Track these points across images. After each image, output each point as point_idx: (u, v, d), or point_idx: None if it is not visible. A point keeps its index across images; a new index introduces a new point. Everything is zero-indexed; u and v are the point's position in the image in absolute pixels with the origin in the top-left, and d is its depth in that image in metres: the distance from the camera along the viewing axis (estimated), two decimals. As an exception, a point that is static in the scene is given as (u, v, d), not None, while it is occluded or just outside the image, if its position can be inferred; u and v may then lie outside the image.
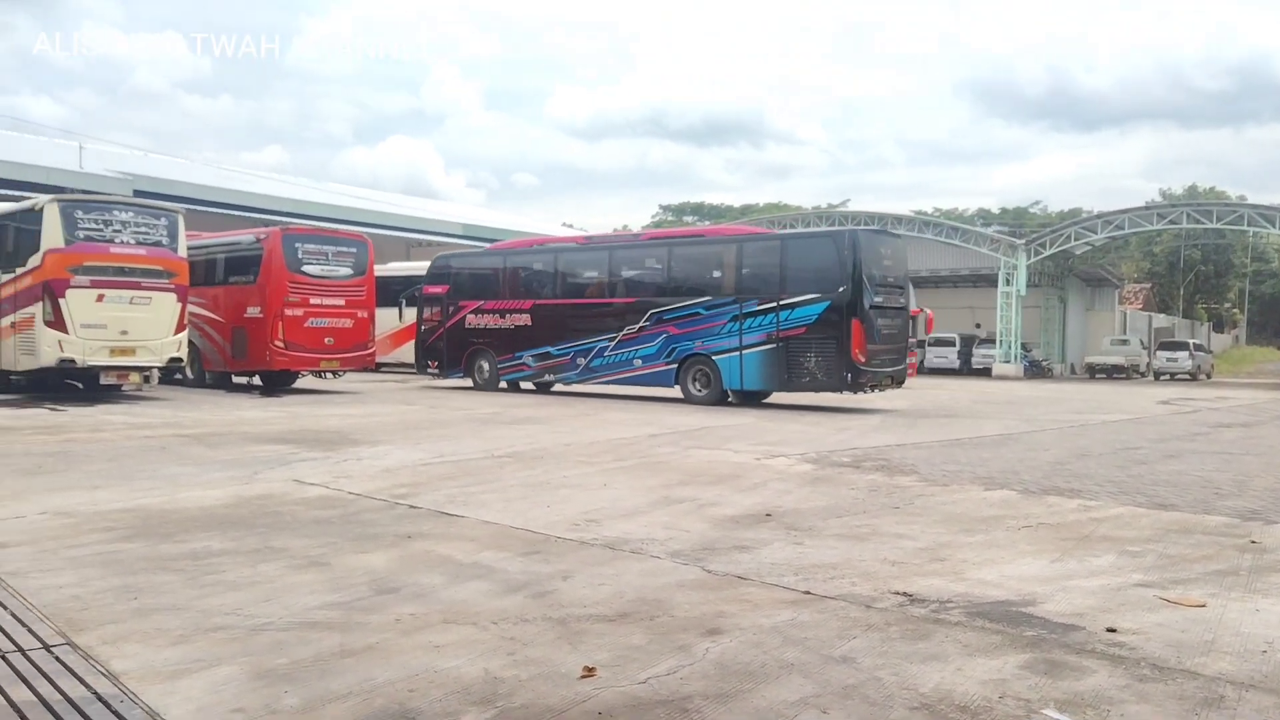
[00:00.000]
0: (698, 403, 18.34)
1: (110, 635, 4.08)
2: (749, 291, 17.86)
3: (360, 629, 4.23)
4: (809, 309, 17.05)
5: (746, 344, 17.68)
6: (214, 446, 10.56)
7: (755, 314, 17.58)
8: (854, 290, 16.61)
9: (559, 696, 3.50)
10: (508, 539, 6.18)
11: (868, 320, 16.74)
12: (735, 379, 18.00)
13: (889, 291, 17.65)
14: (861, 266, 16.67)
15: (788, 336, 17.25)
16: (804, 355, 17.18)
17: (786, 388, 18.14)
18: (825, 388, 17.52)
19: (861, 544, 6.22)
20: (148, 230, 16.73)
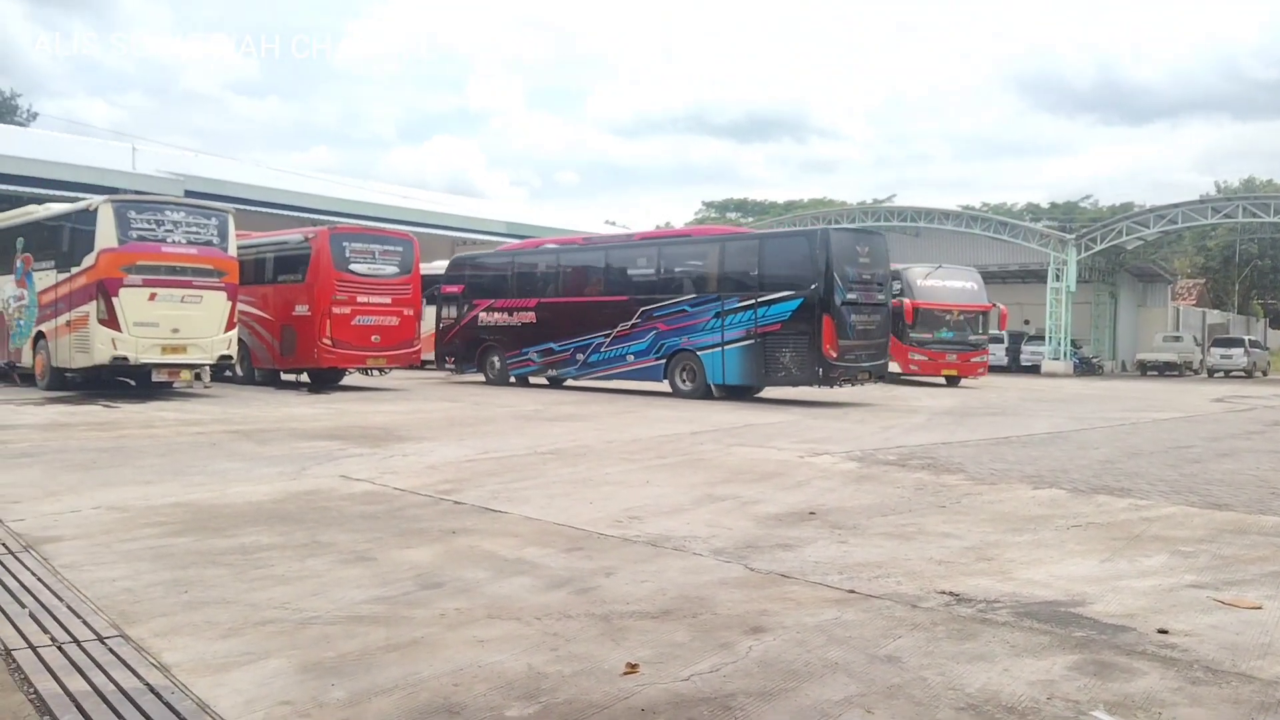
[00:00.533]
0: (684, 397, 18.82)
1: (161, 628, 4.16)
2: (730, 289, 18.46)
3: (405, 623, 4.27)
4: (784, 305, 17.59)
5: (728, 340, 18.21)
6: (263, 443, 10.72)
7: (735, 311, 18.16)
8: (826, 287, 17.15)
9: (602, 692, 3.50)
10: (551, 535, 6.21)
11: (839, 316, 17.29)
12: (718, 374, 18.51)
13: (864, 289, 18.04)
14: (833, 264, 17.24)
15: (765, 332, 17.78)
16: (780, 350, 17.69)
17: (764, 382, 18.75)
18: (799, 382, 18.02)
19: (907, 543, 6.17)
20: (199, 230, 17.02)
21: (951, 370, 27.33)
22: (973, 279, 29.08)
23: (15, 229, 19.10)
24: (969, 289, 28.46)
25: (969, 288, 28.51)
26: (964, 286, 28.37)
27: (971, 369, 27.78)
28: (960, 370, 27.49)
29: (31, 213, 18.97)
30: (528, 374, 22.13)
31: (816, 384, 17.92)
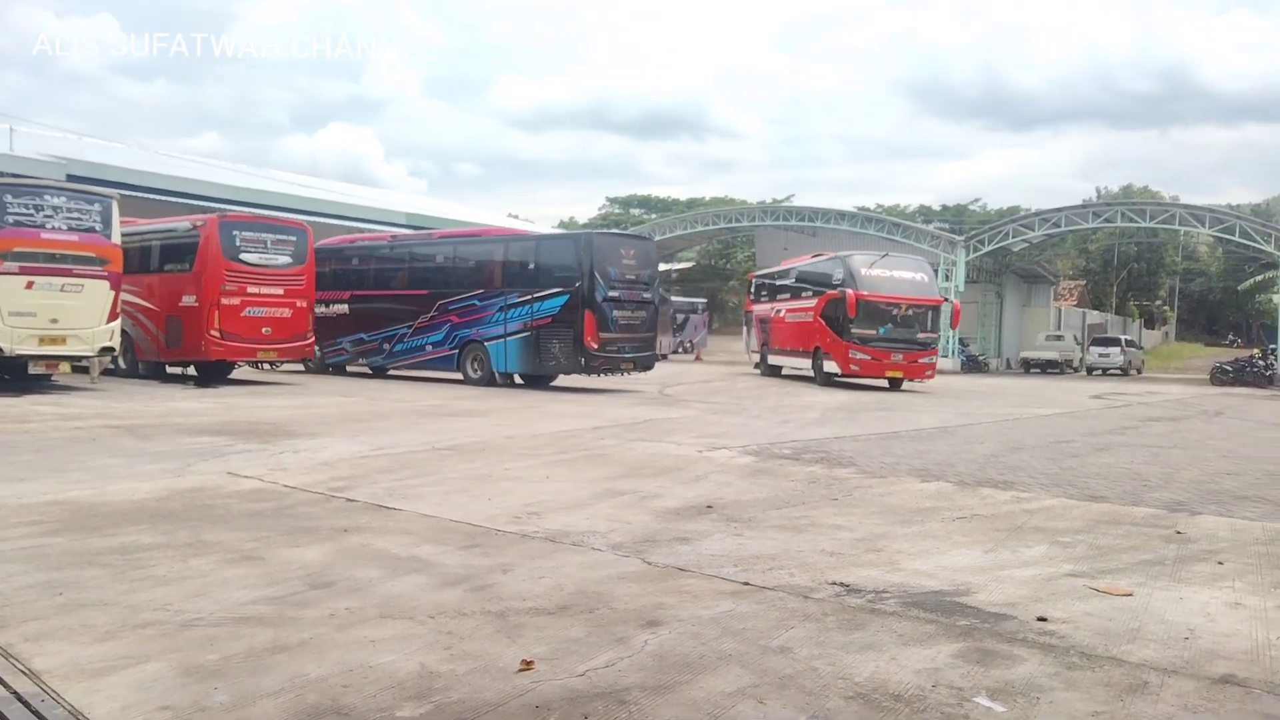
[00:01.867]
0: (474, 384, 20.47)
1: (33, 632, 3.97)
2: (513, 285, 20.38)
3: (294, 624, 4.16)
4: (554, 301, 19.59)
5: (510, 332, 20.16)
6: (146, 438, 10.31)
7: (516, 305, 20.12)
8: (588, 285, 19.16)
9: (496, 690, 3.47)
10: (447, 532, 6.13)
11: (600, 312, 19.21)
12: (502, 363, 20.40)
13: (628, 288, 19.94)
14: (595, 265, 19.22)
15: (539, 325, 19.74)
16: (551, 342, 19.63)
17: (538, 370, 20.41)
18: (566, 370, 20.01)
19: (800, 535, 6.28)
20: (80, 216, 16.27)
21: (897, 372, 23.99)
22: (922, 270, 25.62)
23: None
24: (918, 281, 24.97)
25: (918, 279, 25.01)
26: (913, 278, 24.87)
27: (919, 370, 24.36)
28: (907, 372, 24.14)
29: (-107, 195, 17.86)
30: (343, 362, 23.55)
31: (580, 372, 19.82)
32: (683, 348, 47.31)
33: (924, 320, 24.50)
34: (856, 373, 23.71)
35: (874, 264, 24.46)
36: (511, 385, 20.70)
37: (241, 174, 40.39)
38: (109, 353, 16.72)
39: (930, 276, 25.62)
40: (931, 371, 24.72)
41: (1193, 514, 7.46)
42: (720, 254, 68.25)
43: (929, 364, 24.69)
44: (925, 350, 24.44)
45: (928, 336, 24.61)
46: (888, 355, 23.51)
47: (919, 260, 26.73)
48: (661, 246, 53.46)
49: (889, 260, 25.11)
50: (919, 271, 25.26)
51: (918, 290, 24.62)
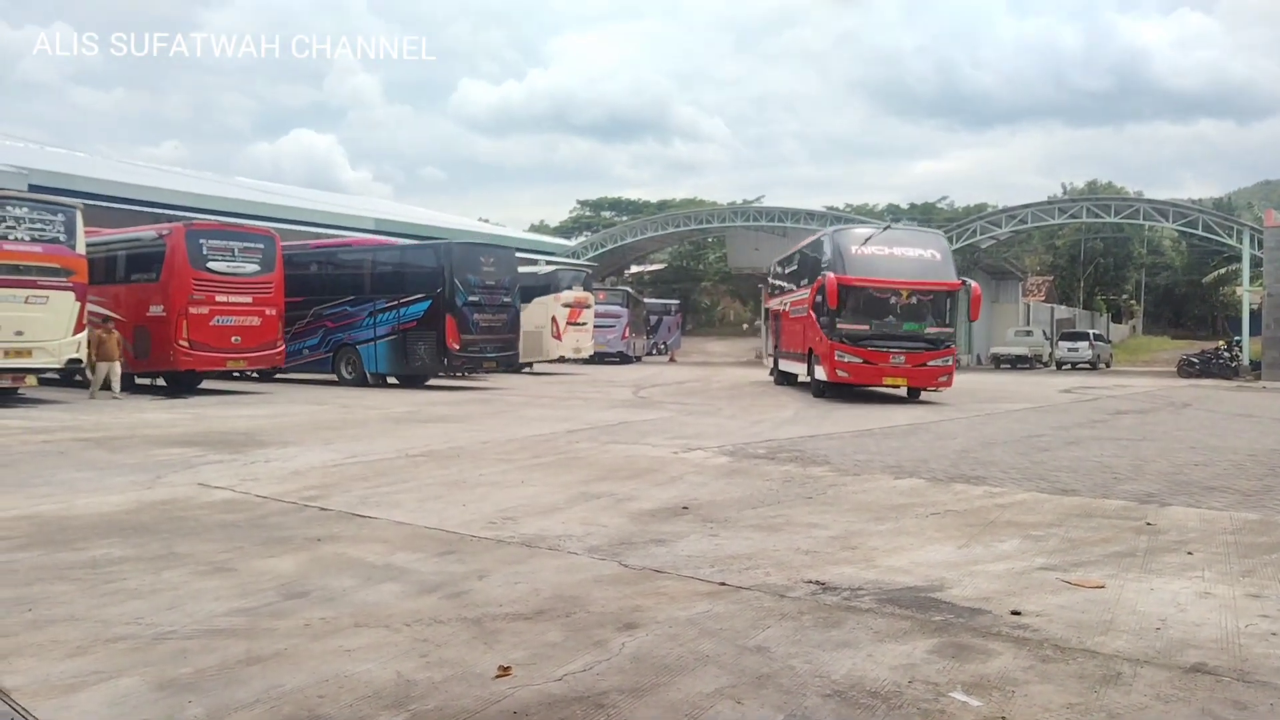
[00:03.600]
0: (348, 385, 21.68)
1: (1, 649, 3.91)
2: (381, 292, 21.76)
3: (268, 635, 4.13)
4: (418, 305, 21.05)
5: (379, 335, 21.53)
6: (115, 450, 10.19)
7: (384, 310, 21.49)
8: (449, 291, 20.78)
9: (474, 697, 3.46)
10: (422, 539, 6.10)
11: (460, 315, 20.84)
12: (373, 364, 21.71)
13: (488, 293, 21.76)
14: (454, 272, 20.93)
15: (405, 329, 21.17)
16: (416, 344, 21.05)
17: (405, 370, 21.76)
18: (430, 370, 21.75)
19: (776, 534, 6.30)
20: (43, 226, 16.06)
21: (897, 378, 18.83)
22: (933, 245, 20.19)
23: None
24: (927, 259, 19.45)
25: (927, 257, 19.49)
26: (920, 256, 19.49)
27: (928, 377, 19.06)
28: (912, 378, 18.94)
29: None
30: None
31: (443, 372, 21.78)
32: (656, 349, 47.32)
33: (934, 310, 19.07)
34: (845, 379, 18.79)
35: (869, 240, 19.50)
36: (384, 386, 21.86)
37: (206, 182, 40.01)
38: (76, 364, 16.51)
39: (944, 253, 19.74)
40: (947, 378, 19.21)
41: (1162, 505, 7.55)
42: (692, 255, 68.41)
43: (942, 368, 19.08)
44: (936, 349, 18.92)
45: (940, 332, 19.06)
46: (885, 357, 18.40)
47: (931, 234, 21.75)
48: (633, 249, 53.67)
49: (890, 235, 20.20)
50: (928, 247, 19.77)
51: (925, 271, 19.09)
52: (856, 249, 19.10)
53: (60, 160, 34.95)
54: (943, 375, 19.14)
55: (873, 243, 19.37)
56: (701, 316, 64.93)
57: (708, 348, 50.57)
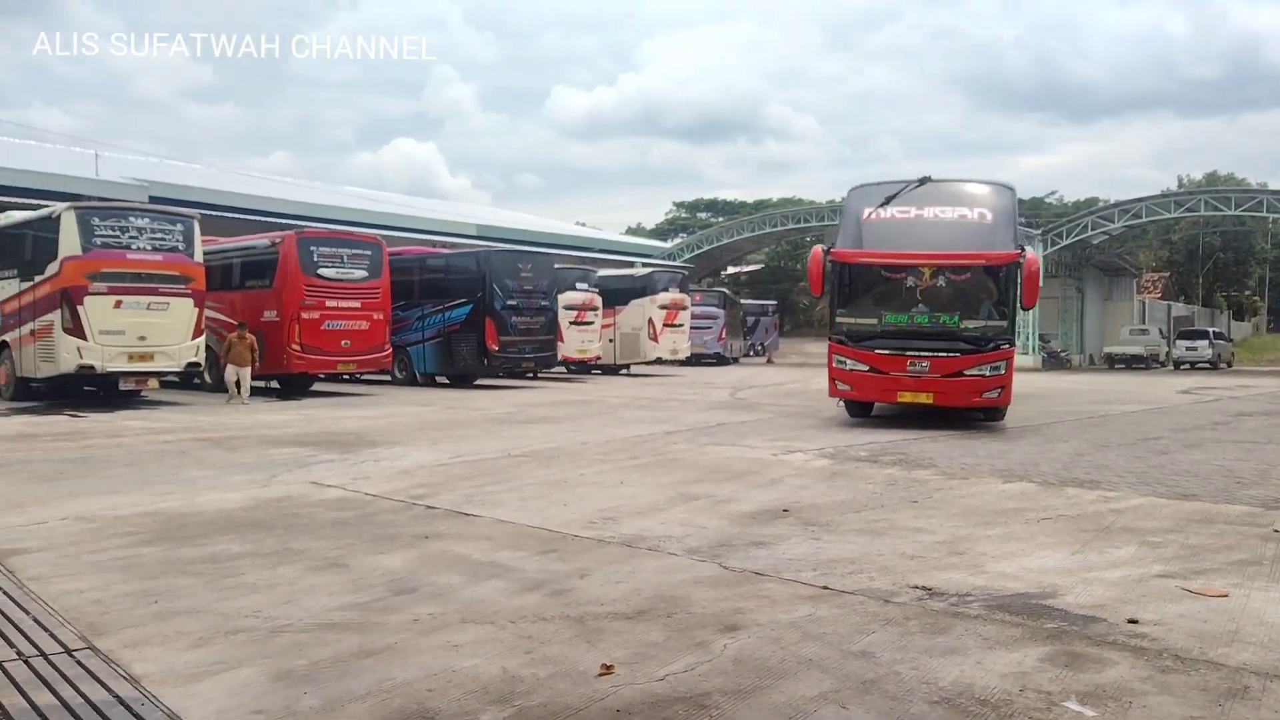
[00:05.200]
0: (400, 384, 23.00)
1: (131, 639, 4.11)
2: (428, 297, 22.87)
3: (379, 629, 4.24)
4: (461, 309, 22.27)
5: (427, 337, 22.76)
6: (232, 450, 10.61)
7: (431, 314, 22.70)
8: (487, 295, 21.92)
9: (577, 694, 3.50)
10: (525, 538, 6.19)
11: (499, 319, 21.92)
12: (422, 364, 22.95)
13: (525, 297, 22.74)
14: (493, 277, 22.08)
15: (450, 331, 22.39)
16: (459, 346, 22.25)
17: (451, 370, 22.88)
18: (473, 370, 22.65)
19: (879, 538, 6.20)
20: (164, 236, 16.81)
21: (920, 393, 13.42)
22: (984, 202, 14.15)
23: (-25, 238, 18.79)
24: (971, 223, 13.86)
25: (972, 220, 13.89)
26: (960, 218, 13.90)
27: (967, 391, 13.37)
28: (941, 394, 13.35)
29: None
30: None
31: (483, 373, 22.72)
32: (754, 350, 47.03)
33: (975, 294, 13.71)
34: (848, 393, 14.18)
35: (892, 199, 14.05)
36: (433, 385, 22.94)
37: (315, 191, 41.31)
38: (195, 368, 17.24)
39: (998, 213, 13.83)
40: (998, 392, 13.39)
41: (1291, 511, 7.19)
42: (789, 255, 67.77)
43: (988, 379, 13.28)
44: (978, 353, 13.28)
45: (983, 326, 13.43)
46: (900, 363, 13.41)
47: (984, 187, 14.67)
48: (730, 249, 53.50)
49: (924, 191, 14.19)
50: (975, 205, 14.05)
51: (964, 239, 13.64)
52: (870, 212, 13.96)
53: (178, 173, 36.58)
54: (989, 389, 13.17)
55: (897, 203, 13.90)
56: (800, 317, 64.30)
57: (806, 349, 50.00)
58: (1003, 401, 13.47)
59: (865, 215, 14.00)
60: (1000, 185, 14.28)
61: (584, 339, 27.31)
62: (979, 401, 13.48)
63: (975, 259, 13.46)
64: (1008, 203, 13.89)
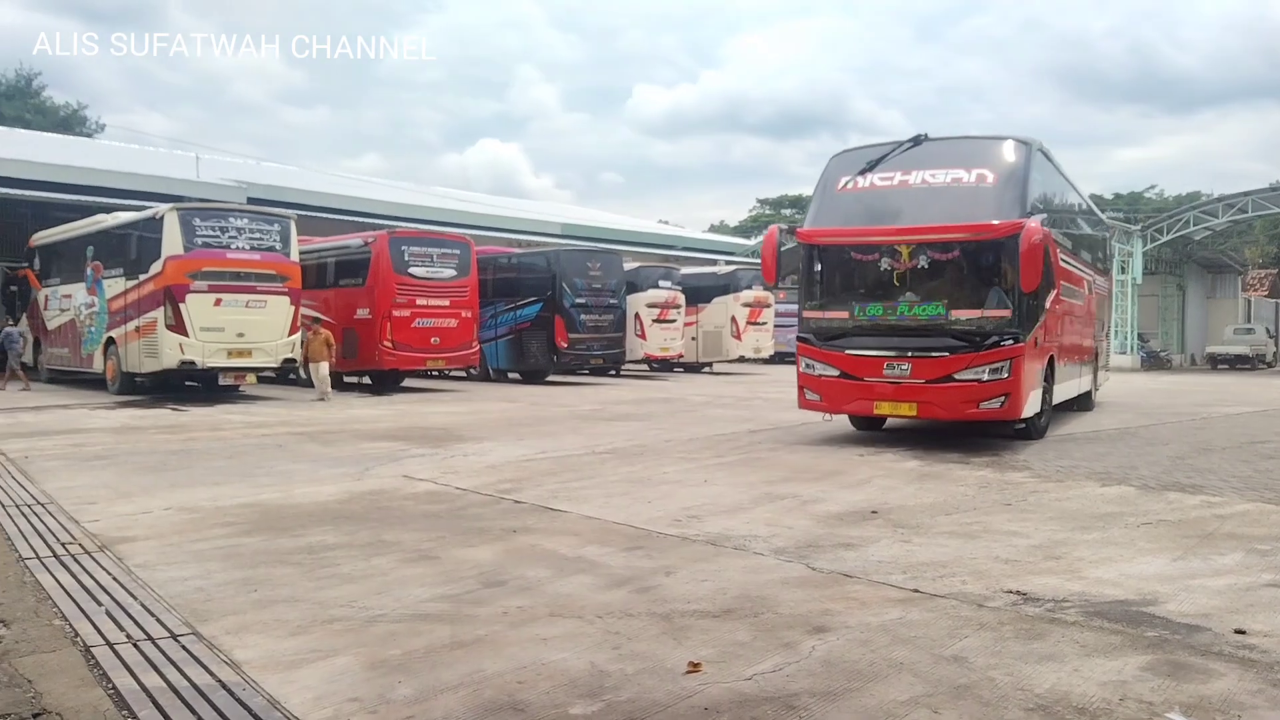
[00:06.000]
0: (474, 380, 23.91)
1: (232, 626, 4.25)
2: (501, 295, 23.52)
3: (469, 621, 4.31)
4: (531, 308, 23.04)
5: (499, 335, 23.54)
6: (327, 444, 10.89)
7: (504, 312, 23.47)
8: (557, 294, 22.63)
9: (665, 691, 3.50)
10: (610, 534, 6.22)
11: (568, 316, 22.61)
12: (495, 360, 23.77)
13: (594, 295, 23.36)
14: (562, 276, 22.74)
15: (521, 329, 23.19)
16: (530, 343, 23.05)
17: (521, 366, 23.71)
18: (543, 367, 23.37)
19: (972, 541, 6.07)
20: (262, 236, 17.35)
21: (904, 402, 10.90)
22: (985, 160, 11.02)
23: (85, 238, 19.65)
24: (964, 187, 10.88)
25: (966, 184, 10.90)
26: (952, 182, 10.95)
27: (958, 401, 10.64)
28: (926, 403, 10.80)
29: (100, 222, 19.48)
30: None
31: (553, 370, 23.45)
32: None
33: (968, 277, 10.97)
34: (818, 405, 11.63)
35: (877, 163, 11.40)
36: (505, 380, 23.84)
37: (406, 191, 42.11)
38: (290, 364, 17.75)
39: (1003, 174, 10.81)
40: (1001, 402, 10.47)
41: None
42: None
43: (985, 385, 10.46)
44: (975, 350, 10.53)
45: (978, 317, 10.65)
46: (876, 365, 10.95)
47: (992, 145, 11.32)
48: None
49: (915, 154, 11.34)
50: (973, 164, 10.99)
51: (951, 207, 10.81)
52: (846, 182, 11.49)
53: (274, 174, 37.63)
54: (988, 397, 10.42)
55: (882, 168, 11.30)
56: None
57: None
58: (1008, 413, 10.58)
59: (840, 185, 11.54)
60: (1015, 140, 11.14)
61: (667, 337, 27.21)
62: (975, 414, 10.59)
63: (959, 231, 10.58)
64: (1019, 161, 10.84)
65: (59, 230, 21.25)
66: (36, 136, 38.06)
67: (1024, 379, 10.51)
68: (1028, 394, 10.78)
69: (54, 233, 21.48)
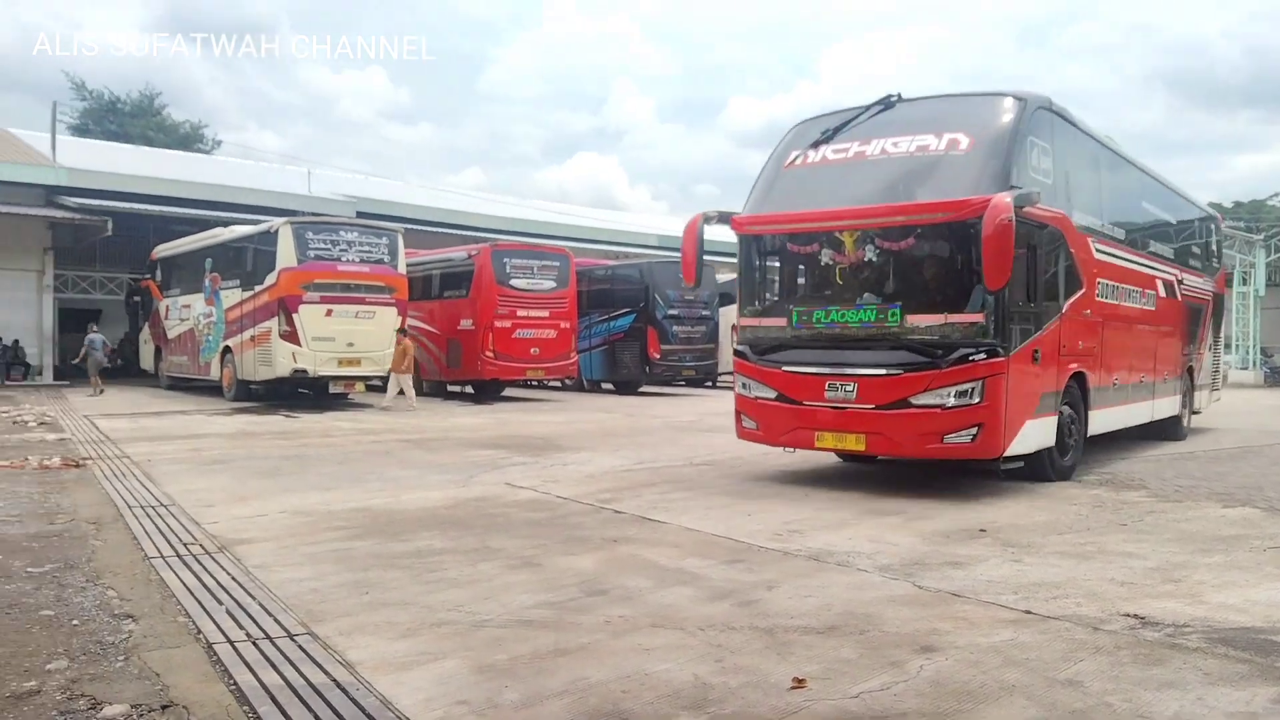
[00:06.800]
0: (569, 390, 24.56)
1: (345, 627, 4.37)
2: (595, 307, 23.96)
3: (572, 629, 4.35)
4: (624, 319, 23.50)
5: (593, 345, 23.98)
6: (432, 451, 11.13)
7: (597, 324, 23.96)
8: (650, 305, 23.02)
9: (770, 706, 3.47)
10: (710, 546, 6.20)
11: (660, 327, 22.96)
12: (588, 371, 24.16)
13: (686, 306, 23.54)
14: (655, 288, 23.09)
15: (614, 340, 23.70)
16: (623, 353, 23.50)
17: (614, 377, 24.13)
18: (636, 377, 23.72)
19: (1086, 562, 5.88)
20: (370, 248, 17.89)
21: (849, 433, 8.54)
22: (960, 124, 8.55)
23: (204, 250, 20.56)
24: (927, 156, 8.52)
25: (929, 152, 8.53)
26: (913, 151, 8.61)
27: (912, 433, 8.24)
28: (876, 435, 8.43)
29: (218, 235, 20.36)
30: None
31: (646, 380, 23.75)
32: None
33: (926, 273, 8.77)
34: (755, 435, 9.43)
35: (838, 131, 9.26)
36: (598, 390, 24.47)
37: (507, 205, 42.81)
38: (397, 373, 18.18)
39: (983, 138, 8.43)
40: (972, 436, 8.08)
41: None
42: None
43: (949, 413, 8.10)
44: (934, 366, 8.17)
45: (939, 324, 8.26)
46: (816, 386, 8.72)
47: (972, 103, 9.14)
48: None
49: (883, 119, 9.16)
50: (945, 129, 8.63)
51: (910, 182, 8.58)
52: (796, 156, 9.40)
53: (382, 189, 38.69)
54: (955, 429, 8.10)
55: (841, 138, 9.17)
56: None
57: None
58: (982, 449, 8.09)
59: (789, 161, 9.42)
60: (1009, 95, 8.72)
61: None
62: (939, 450, 8.23)
63: (909, 213, 8.29)
64: (1009, 120, 8.45)
65: (179, 243, 22.30)
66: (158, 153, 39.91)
67: (1005, 405, 8.05)
68: (1015, 424, 8.26)
69: (174, 245, 22.54)
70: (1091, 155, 10.67)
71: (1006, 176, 8.05)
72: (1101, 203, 10.68)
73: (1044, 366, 8.75)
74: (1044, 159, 8.86)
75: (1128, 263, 11.28)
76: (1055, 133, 9.23)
